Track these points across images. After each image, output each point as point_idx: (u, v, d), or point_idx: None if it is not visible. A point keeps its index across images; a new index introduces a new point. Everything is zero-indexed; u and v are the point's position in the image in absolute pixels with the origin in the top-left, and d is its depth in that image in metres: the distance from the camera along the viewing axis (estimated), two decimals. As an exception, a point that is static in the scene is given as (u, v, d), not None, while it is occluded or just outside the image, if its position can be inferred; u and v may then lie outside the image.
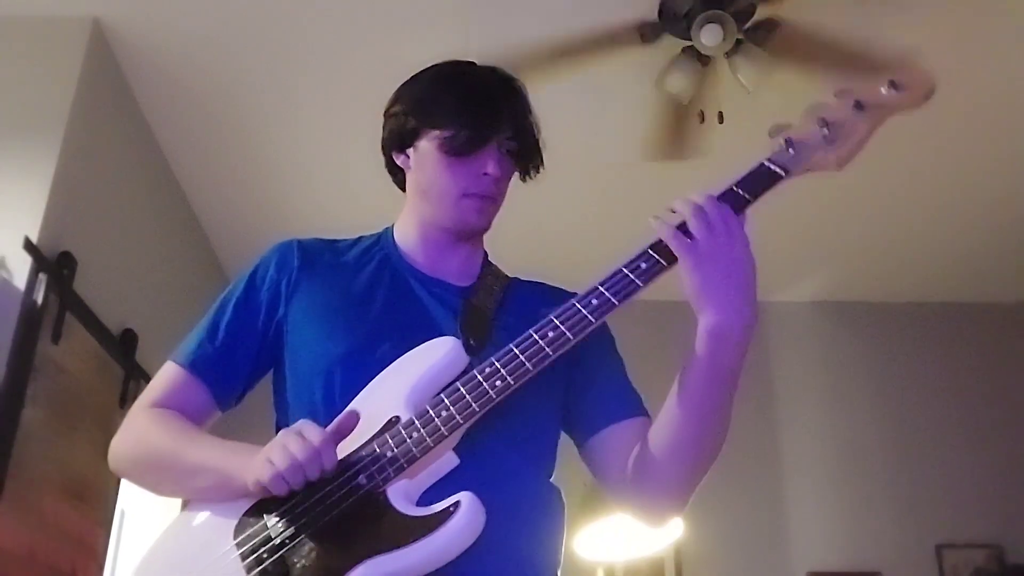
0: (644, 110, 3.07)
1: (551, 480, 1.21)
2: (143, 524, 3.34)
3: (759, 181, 1.13)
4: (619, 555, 3.45)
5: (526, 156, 1.29)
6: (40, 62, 2.79)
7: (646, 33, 2.78)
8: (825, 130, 1.16)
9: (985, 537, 4.04)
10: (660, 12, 2.76)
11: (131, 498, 3.22)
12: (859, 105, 1.18)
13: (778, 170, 1.14)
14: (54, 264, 2.59)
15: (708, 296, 1.04)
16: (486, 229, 1.30)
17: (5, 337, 2.42)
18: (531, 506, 1.14)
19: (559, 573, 1.16)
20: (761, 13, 2.73)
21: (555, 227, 3.89)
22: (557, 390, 1.20)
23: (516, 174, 1.32)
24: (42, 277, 2.53)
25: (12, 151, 2.66)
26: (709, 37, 2.65)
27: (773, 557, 4.07)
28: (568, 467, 1.27)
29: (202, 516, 1.13)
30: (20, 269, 2.50)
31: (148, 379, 1.17)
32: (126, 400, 3.03)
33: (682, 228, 1.07)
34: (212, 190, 3.72)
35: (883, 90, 1.19)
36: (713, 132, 2.97)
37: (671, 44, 2.81)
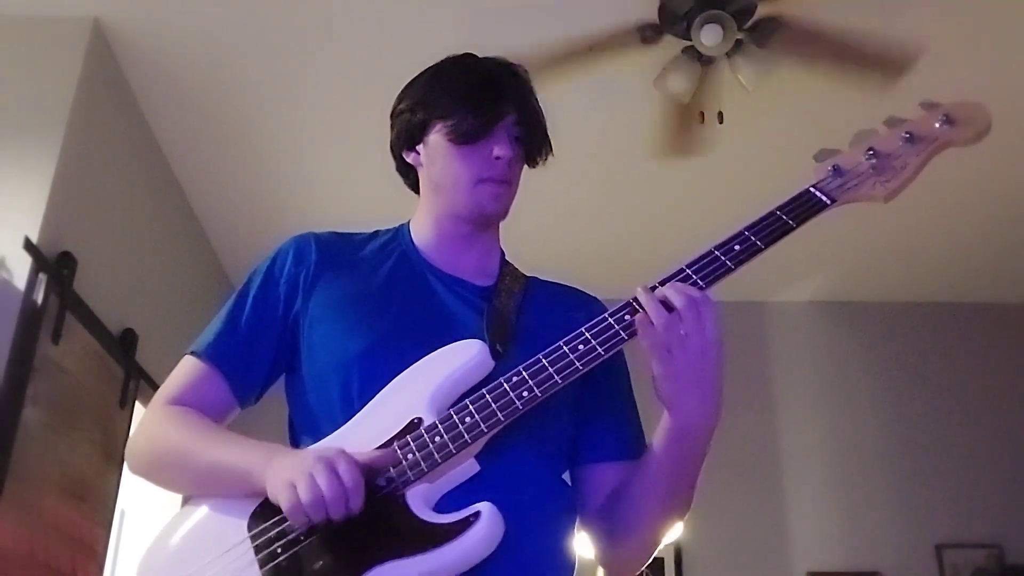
0: (645, 108, 3.07)
1: (565, 480, 1.20)
2: (143, 524, 3.34)
3: (803, 208, 1.12)
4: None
5: (533, 141, 1.28)
6: (40, 62, 2.79)
7: (647, 35, 2.78)
8: (874, 160, 1.14)
9: (985, 537, 4.04)
10: (660, 12, 2.76)
11: (131, 498, 3.22)
12: (910, 137, 1.15)
13: (824, 198, 1.12)
14: (54, 264, 2.59)
15: (676, 400, 1.06)
16: (503, 216, 1.28)
17: (5, 337, 2.42)
18: (549, 509, 1.14)
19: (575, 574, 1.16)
20: (761, 12, 2.73)
21: (555, 224, 3.89)
22: (571, 394, 1.17)
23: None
24: (42, 277, 2.52)
25: (12, 151, 2.66)
26: (709, 37, 2.65)
27: (773, 557, 4.07)
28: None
29: (214, 506, 1.11)
30: (20, 269, 2.50)
31: (148, 379, 1.17)
32: (126, 400, 3.03)
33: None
34: (212, 190, 3.72)
35: (936, 124, 1.15)
36: (712, 130, 2.97)
37: (671, 44, 2.81)
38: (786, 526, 4.14)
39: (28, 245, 2.48)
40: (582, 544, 1.20)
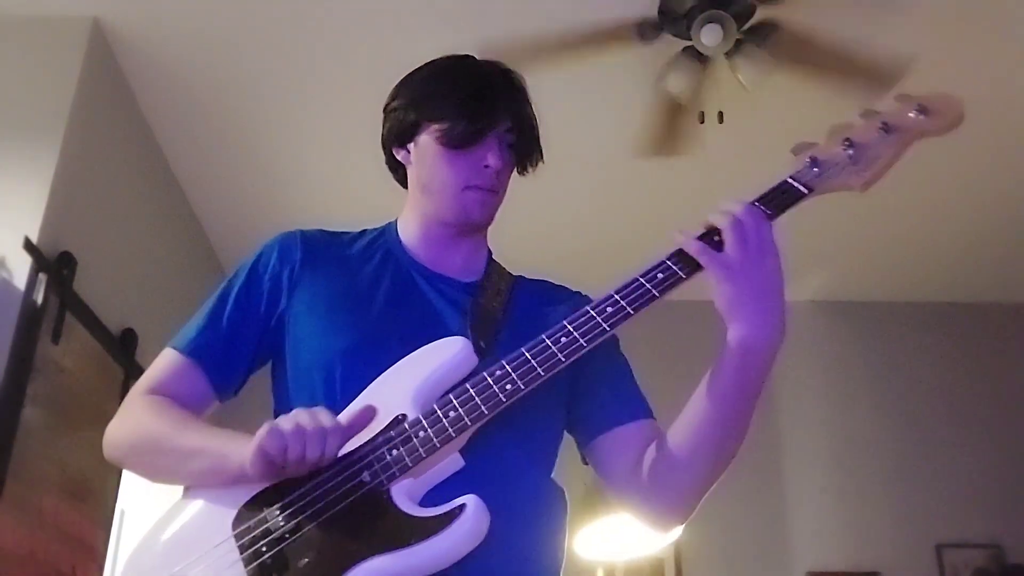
0: (641, 107, 3.06)
1: (553, 478, 1.20)
2: (143, 524, 3.33)
3: (782, 198, 1.13)
4: (619, 555, 3.45)
5: (525, 149, 1.28)
6: (40, 62, 2.79)
7: (645, 32, 2.78)
8: (851, 151, 1.16)
9: (985, 537, 4.03)
10: (660, 11, 2.76)
11: (131, 498, 3.22)
12: (886, 128, 1.16)
13: (801, 188, 1.13)
14: (54, 264, 2.59)
15: (738, 310, 1.04)
16: (488, 223, 1.29)
17: (5, 337, 2.42)
18: (535, 505, 1.14)
19: (562, 572, 1.15)
20: (761, 14, 2.73)
21: (550, 223, 3.89)
22: (560, 387, 1.18)
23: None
24: (42, 277, 2.53)
25: (12, 151, 2.66)
26: (709, 37, 2.65)
27: (773, 557, 4.07)
28: (568, 467, 1.27)
29: (199, 504, 1.11)
30: (20, 269, 2.50)
31: (148, 379, 1.19)
32: (126, 400, 3.03)
33: (706, 239, 1.07)
34: (212, 190, 3.72)
35: (911, 114, 1.17)
36: (708, 130, 2.96)
37: (671, 44, 2.81)
38: (786, 526, 4.14)
39: (28, 245, 2.48)
40: (581, 543, 1.19)
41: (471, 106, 1.22)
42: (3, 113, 2.70)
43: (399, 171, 1.33)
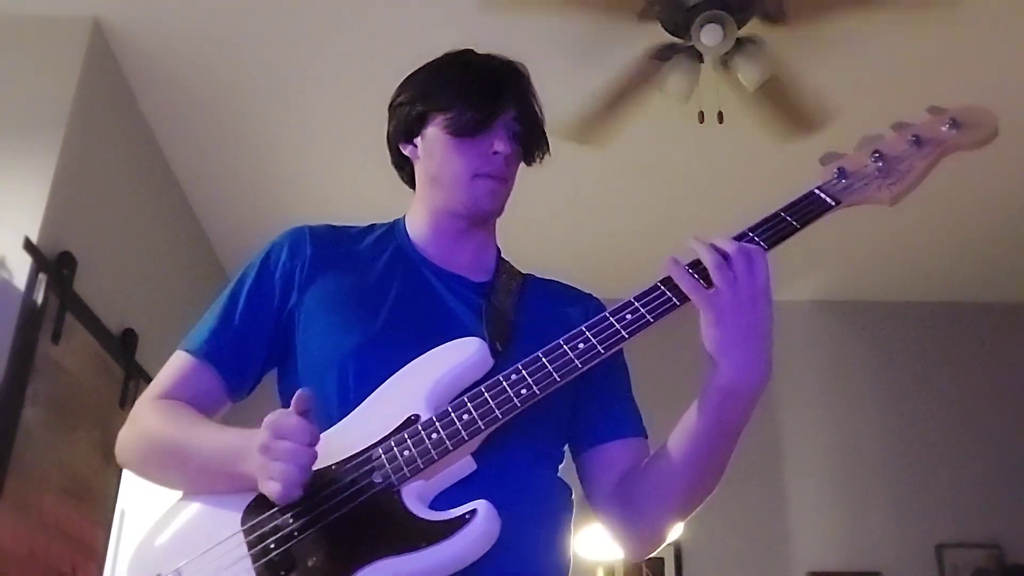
0: (642, 107, 3.06)
1: (560, 475, 1.20)
2: (143, 524, 3.33)
3: (808, 209, 1.11)
4: (619, 555, 3.46)
5: (532, 138, 1.28)
6: (40, 62, 2.79)
7: (663, 55, 2.80)
8: (880, 163, 1.14)
9: (985, 537, 4.04)
10: (660, 13, 2.76)
11: (131, 498, 3.22)
12: (917, 141, 1.14)
13: (829, 200, 1.12)
14: (54, 264, 2.59)
15: (724, 351, 1.02)
16: (498, 213, 1.28)
17: (5, 337, 2.43)
18: (544, 506, 1.13)
19: (570, 572, 1.15)
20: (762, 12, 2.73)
21: (557, 225, 3.89)
22: (569, 391, 1.16)
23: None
24: (42, 277, 2.53)
25: (12, 151, 2.66)
26: (709, 37, 2.65)
27: (773, 557, 4.07)
28: (569, 466, 1.26)
29: (207, 499, 1.10)
30: (20, 269, 2.50)
31: (148, 379, 1.18)
32: (126, 400, 3.03)
33: (700, 270, 1.04)
34: (212, 189, 3.72)
35: (943, 127, 1.15)
36: (708, 130, 2.96)
37: (671, 44, 2.81)
38: (786, 526, 4.14)
39: (28, 245, 2.48)
40: (581, 543, 1.19)
41: (478, 94, 1.22)
42: (3, 113, 2.70)
43: (405, 169, 1.33)
